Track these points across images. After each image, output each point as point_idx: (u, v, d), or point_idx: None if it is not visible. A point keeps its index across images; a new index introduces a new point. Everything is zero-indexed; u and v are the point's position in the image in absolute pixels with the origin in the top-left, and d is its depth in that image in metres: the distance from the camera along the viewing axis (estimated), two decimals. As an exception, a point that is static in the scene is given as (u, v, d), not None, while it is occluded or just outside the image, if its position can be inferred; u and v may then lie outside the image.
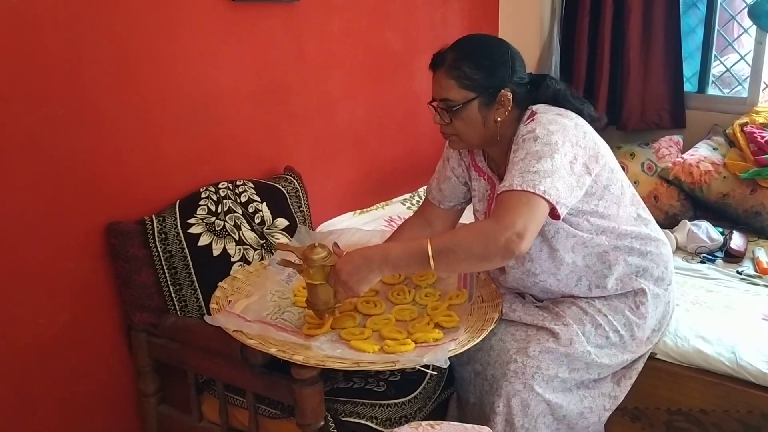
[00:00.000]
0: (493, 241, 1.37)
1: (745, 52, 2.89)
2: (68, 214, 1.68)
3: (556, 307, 1.67)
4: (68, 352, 1.73)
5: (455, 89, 1.54)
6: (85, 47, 1.64)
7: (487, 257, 1.40)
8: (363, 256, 1.45)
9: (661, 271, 1.69)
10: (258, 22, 2.06)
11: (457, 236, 1.46)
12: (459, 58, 1.54)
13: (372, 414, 1.60)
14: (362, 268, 1.44)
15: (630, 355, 1.67)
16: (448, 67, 1.54)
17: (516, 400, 1.57)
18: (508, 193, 1.41)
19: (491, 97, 1.55)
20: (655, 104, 2.93)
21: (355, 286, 1.45)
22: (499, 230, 1.37)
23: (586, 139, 1.52)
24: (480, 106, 1.55)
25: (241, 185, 1.99)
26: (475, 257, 1.40)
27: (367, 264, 1.44)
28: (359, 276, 1.44)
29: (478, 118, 1.56)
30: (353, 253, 1.47)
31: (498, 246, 1.36)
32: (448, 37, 2.71)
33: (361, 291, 1.47)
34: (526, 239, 1.36)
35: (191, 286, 1.80)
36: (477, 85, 1.53)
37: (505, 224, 1.37)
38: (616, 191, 1.60)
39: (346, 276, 1.44)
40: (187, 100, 1.89)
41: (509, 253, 1.37)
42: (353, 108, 2.47)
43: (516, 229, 1.35)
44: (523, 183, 1.39)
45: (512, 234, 1.35)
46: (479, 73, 1.53)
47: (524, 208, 1.38)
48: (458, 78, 1.53)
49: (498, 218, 1.40)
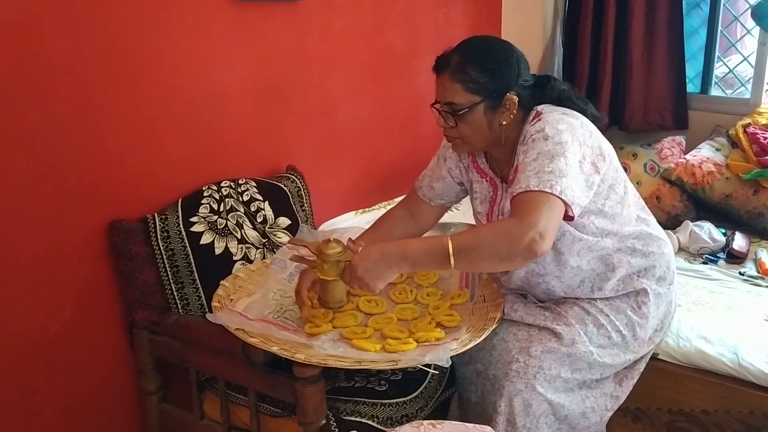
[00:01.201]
0: (517, 241, 1.34)
1: (748, 53, 2.89)
2: (70, 212, 1.68)
3: (558, 307, 1.67)
4: (70, 349, 1.73)
5: (461, 93, 1.52)
6: (87, 45, 1.64)
7: (509, 257, 1.37)
8: (380, 251, 1.42)
9: (663, 270, 1.69)
10: (261, 21, 2.06)
11: (480, 235, 1.43)
12: (464, 61, 1.52)
13: (373, 413, 1.60)
14: (380, 264, 1.41)
15: (632, 355, 1.67)
16: (453, 70, 1.52)
17: (518, 400, 1.57)
18: (526, 194, 1.39)
19: (497, 100, 1.53)
20: (658, 105, 2.92)
21: (371, 282, 1.42)
22: (523, 230, 1.34)
23: (591, 138, 1.51)
24: (486, 109, 1.53)
25: (243, 184, 1.99)
26: (498, 257, 1.37)
27: (385, 260, 1.41)
28: (376, 272, 1.41)
29: (484, 122, 1.54)
30: (370, 249, 1.44)
31: (521, 246, 1.34)
32: (451, 37, 2.73)
33: (377, 288, 1.43)
34: (547, 239, 1.34)
35: (193, 284, 1.80)
36: (483, 88, 1.51)
37: (528, 223, 1.34)
38: (620, 190, 1.60)
39: (362, 272, 1.41)
40: (189, 99, 1.90)
41: (531, 254, 1.35)
42: (356, 107, 2.47)
43: (539, 228, 1.33)
44: (540, 183, 1.38)
45: (536, 233, 1.33)
46: (485, 76, 1.51)
47: (544, 207, 1.36)
48: (464, 82, 1.51)
49: (521, 218, 1.37)
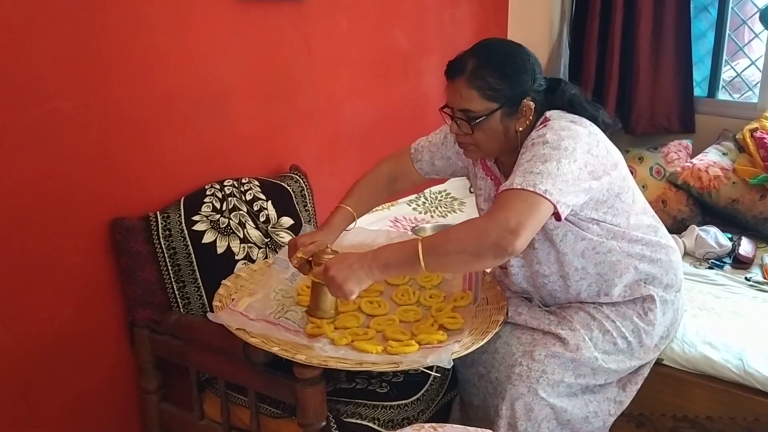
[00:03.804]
0: (484, 237, 1.32)
1: (756, 57, 2.87)
2: (72, 210, 1.67)
3: (564, 311, 1.65)
4: (70, 346, 1.73)
5: (477, 100, 1.47)
6: (90, 42, 1.64)
7: (478, 253, 1.34)
8: (356, 256, 1.41)
9: (670, 278, 1.67)
10: (266, 20, 2.05)
11: (449, 232, 1.42)
12: (481, 66, 1.46)
13: (374, 415, 1.59)
14: (353, 267, 1.38)
15: (637, 361, 1.65)
16: (469, 76, 1.47)
17: (520, 404, 1.55)
18: (506, 192, 1.38)
19: (514, 107, 1.49)
20: (665, 108, 2.91)
21: (341, 281, 1.38)
22: (491, 226, 1.33)
23: (599, 147, 1.48)
24: (502, 116, 1.49)
25: (246, 183, 1.98)
26: (466, 253, 1.35)
27: (359, 263, 1.39)
28: (347, 273, 1.38)
29: (500, 129, 1.51)
30: (348, 254, 1.44)
31: (489, 242, 1.32)
32: (457, 38, 2.73)
33: (351, 290, 1.38)
34: (521, 237, 1.31)
35: (194, 283, 1.79)
36: (500, 95, 1.47)
37: (498, 220, 1.33)
38: (627, 199, 1.58)
39: (334, 271, 1.38)
40: (193, 97, 1.89)
41: (501, 251, 1.32)
42: (360, 107, 2.47)
43: (509, 225, 1.31)
44: (524, 182, 1.36)
45: (505, 230, 1.30)
46: (503, 83, 1.46)
47: (522, 205, 1.34)
48: (481, 89, 1.46)
49: (492, 214, 1.37)
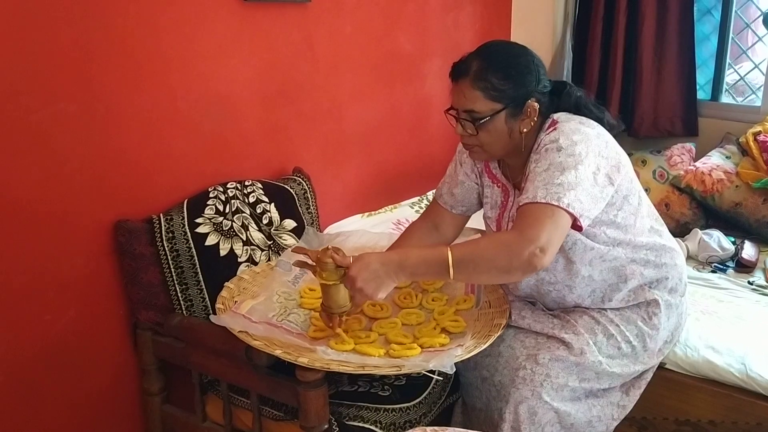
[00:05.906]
0: (516, 255, 1.34)
1: (760, 61, 2.88)
2: (76, 211, 1.68)
3: (567, 315, 1.65)
4: (73, 348, 1.73)
5: (481, 100, 1.48)
6: (95, 44, 1.64)
7: (509, 270, 1.37)
8: (379, 261, 1.41)
9: (675, 282, 1.67)
10: (269, 23, 2.05)
11: (479, 247, 1.43)
12: (485, 67, 1.48)
13: (376, 418, 1.59)
14: (379, 274, 1.39)
15: (641, 365, 1.65)
16: (474, 77, 1.48)
17: (523, 407, 1.55)
18: (531, 206, 1.39)
19: (518, 108, 1.50)
20: (668, 111, 2.91)
21: (372, 293, 1.40)
22: (523, 243, 1.34)
23: (608, 149, 1.49)
24: (507, 117, 1.50)
25: (249, 185, 1.98)
26: (497, 270, 1.38)
27: (384, 269, 1.40)
28: (376, 282, 1.40)
29: (505, 130, 1.52)
30: (369, 258, 1.42)
31: (521, 260, 1.34)
32: (461, 40, 2.73)
33: (378, 298, 1.42)
34: (548, 253, 1.34)
35: (197, 285, 1.79)
36: (504, 96, 1.48)
37: (529, 237, 1.34)
38: (634, 201, 1.58)
39: (362, 283, 1.39)
40: (197, 100, 1.89)
41: (531, 268, 1.35)
42: (363, 110, 2.47)
43: (540, 243, 1.33)
44: (547, 195, 1.37)
45: (536, 248, 1.33)
46: (507, 83, 1.48)
47: (548, 221, 1.36)
48: (485, 89, 1.48)
49: (522, 231, 1.37)
